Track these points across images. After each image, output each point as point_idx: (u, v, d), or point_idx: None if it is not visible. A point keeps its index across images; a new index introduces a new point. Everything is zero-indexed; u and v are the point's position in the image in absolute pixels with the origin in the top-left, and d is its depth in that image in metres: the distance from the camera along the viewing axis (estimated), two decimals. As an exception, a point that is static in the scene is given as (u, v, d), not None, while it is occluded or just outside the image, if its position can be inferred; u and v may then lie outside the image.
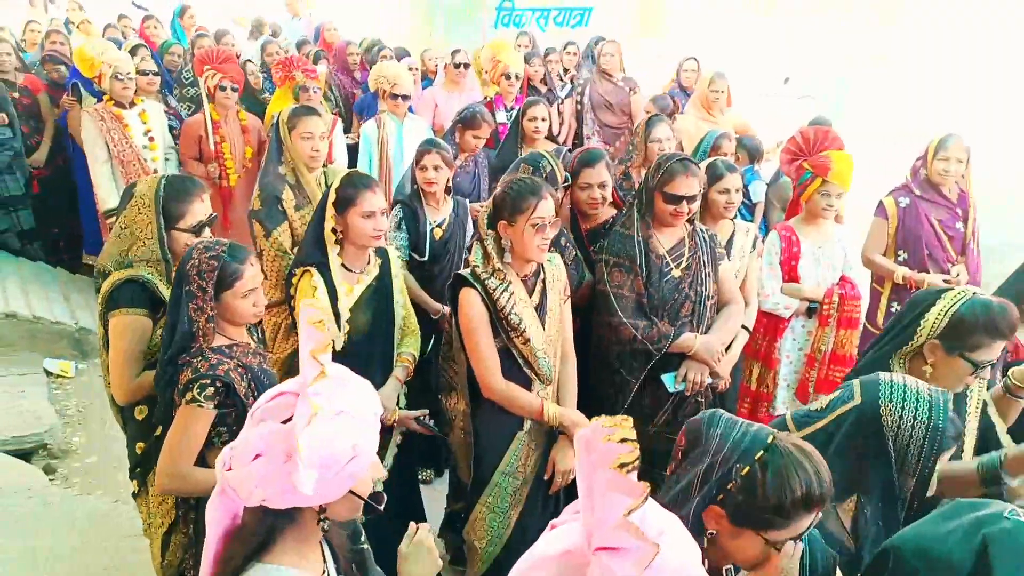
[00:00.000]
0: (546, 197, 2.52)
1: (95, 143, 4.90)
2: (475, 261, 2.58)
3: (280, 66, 5.46)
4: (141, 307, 2.44)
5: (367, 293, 2.77)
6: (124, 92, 4.95)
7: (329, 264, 2.69)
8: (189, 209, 2.53)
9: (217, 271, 2.15)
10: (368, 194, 2.68)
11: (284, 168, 3.47)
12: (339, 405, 1.33)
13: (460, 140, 4.47)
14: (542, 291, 2.66)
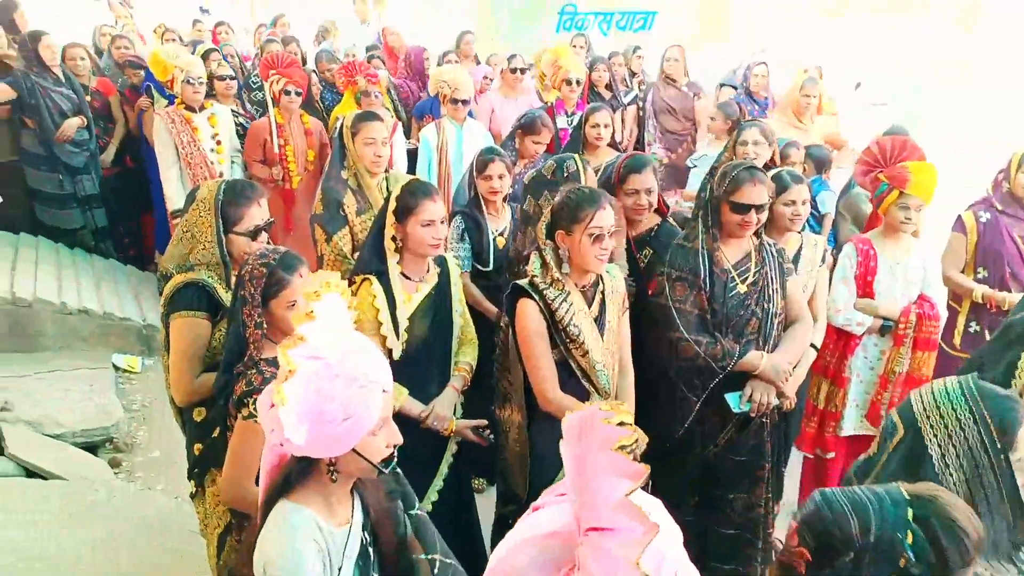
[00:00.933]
0: (605, 207, 2.48)
1: (165, 145, 5.04)
2: (533, 271, 2.54)
3: (342, 71, 5.53)
4: (201, 310, 2.48)
5: (426, 302, 2.77)
6: (194, 96, 5.07)
7: (388, 272, 2.69)
8: (246, 213, 2.56)
9: (265, 278, 2.17)
10: (428, 203, 2.67)
11: (346, 173, 3.50)
12: (341, 369, 1.42)
13: (520, 146, 4.45)
14: (601, 302, 2.62)
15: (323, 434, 1.42)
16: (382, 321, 2.65)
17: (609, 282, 2.66)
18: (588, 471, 0.95)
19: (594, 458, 0.95)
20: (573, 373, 2.55)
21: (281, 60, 5.28)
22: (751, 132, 4.10)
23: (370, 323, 2.66)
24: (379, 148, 3.44)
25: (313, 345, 1.40)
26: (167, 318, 2.52)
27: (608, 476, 0.93)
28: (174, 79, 5.06)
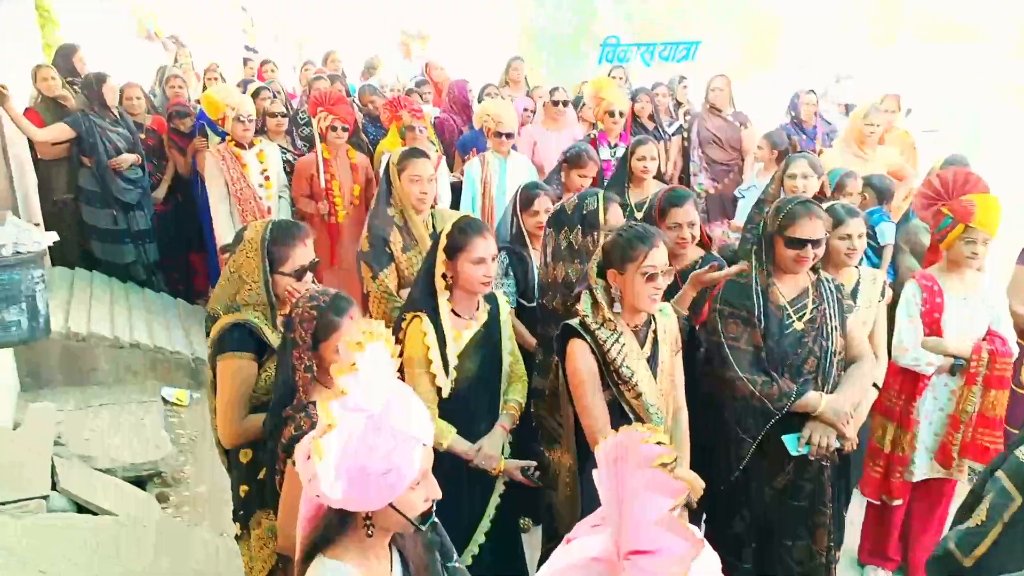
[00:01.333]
0: (658, 245, 2.45)
1: (215, 181, 5.17)
2: (584, 310, 2.50)
3: (387, 106, 5.60)
4: (247, 351, 2.48)
5: (475, 339, 2.76)
6: (244, 134, 5.19)
7: (439, 309, 2.68)
8: (292, 253, 2.57)
9: (316, 321, 2.16)
10: (479, 240, 2.67)
11: (392, 210, 3.51)
12: (382, 423, 1.39)
13: (566, 179, 4.43)
14: (653, 342, 2.57)
15: (361, 489, 1.40)
16: (432, 359, 2.64)
17: (662, 321, 2.61)
18: (627, 492, 0.97)
19: (633, 477, 0.97)
20: (625, 415, 2.49)
21: (329, 97, 5.35)
22: (800, 164, 4.02)
23: (419, 361, 2.65)
24: (425, 185, 3.45)
25: (354, 398, 1.38)
26: (214, 359, 2.53)
27: (648, 494, 0.95)
28: (225, 117, 5.20)
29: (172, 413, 5.06)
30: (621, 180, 4.54)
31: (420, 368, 2.66)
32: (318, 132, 5.24)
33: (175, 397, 5.16)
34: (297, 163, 5.45)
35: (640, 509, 0.94)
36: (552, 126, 6.11)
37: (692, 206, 3.28)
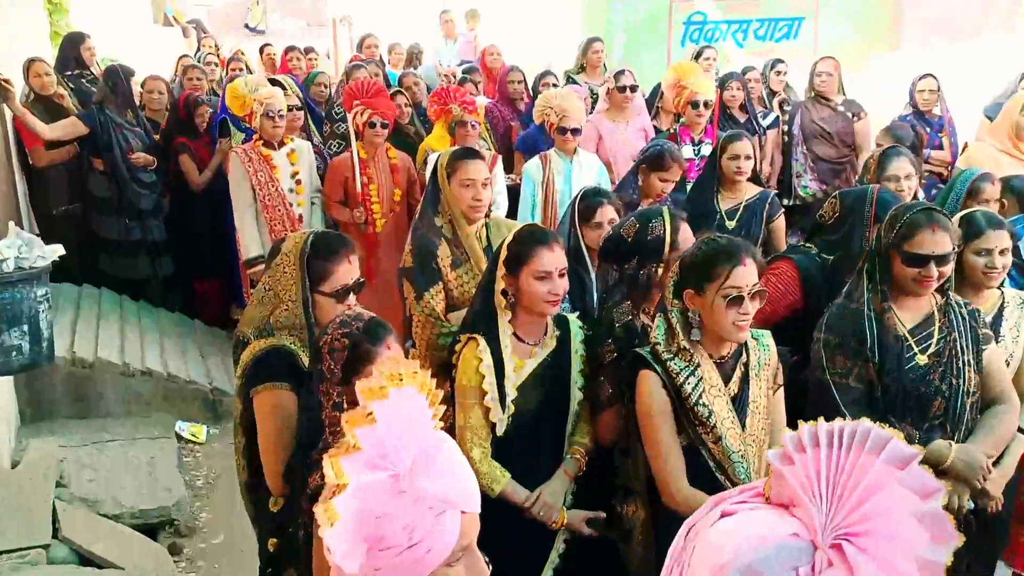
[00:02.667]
0: (745, 262, 2.45)
1: (240, 185, 5.34)
2: (656, 337, 2.53)
3: (435, 98, 5.70)
4: (288, 381, 2.54)
5: (540, 370, 2.79)
6: (275, 131, 5.37)
7: (498, 332, 2.74)
8: (335, 270, 2.63)
9: (347, 350, 2.20)
10: (544, 252, 2.71)
11: (440, 219, 3.57)
12: (409, 484, 1.33)
13: (644, 183, 4.47)
14: (742, 377, 2.56)
15: (382, 563, 1.32)
16: (487, 389, 2.70)
17: (755, 353, 2.60)
18: (853, 477, 1.09)
19: (876, 470, 1.08)
20: (704, 462, 2.49)
21: (366, 88, 5.48)
22: (901, 164, 3.94)
23: (473, 391, 2.72)
24: (479, 191, 3.50)
25: (370, 454, 1.33)
26: (246, 392, 2.59)
27: (897, 488, 1.07)
28: (253, 113, 5.36)
29: (187, 452, 5.23)
30: (710, 183, 4.56)
31: (473, 399, 2.72)
32: (354, 129, 5.37)
33: (190, 433, 5.33)
34: (330, 164, 5.60)
35: (886, 502, 1.07)
36: (618, 116, 6.15)
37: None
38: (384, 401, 1.38)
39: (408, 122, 6.66)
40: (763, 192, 4.55)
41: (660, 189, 4.42)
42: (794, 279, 3.40)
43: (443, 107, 5.63)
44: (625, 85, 6.08)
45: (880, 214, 3.25)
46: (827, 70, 6.38)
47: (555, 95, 5.45)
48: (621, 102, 6.11)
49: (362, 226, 5.33)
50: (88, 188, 6.14)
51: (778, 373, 2.65)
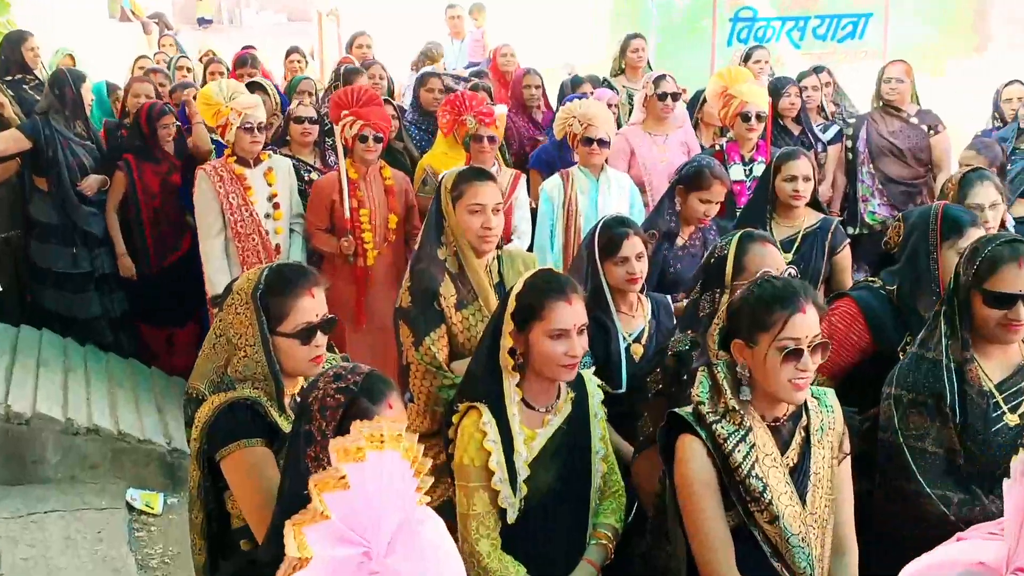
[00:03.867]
0: (804, 308, 2.46)
1: (208, 209, 5.40)
2: (699, 396, 2.53)
3: (448, 107, 5.73)
4: (260, 435, 2.58)
5: (555, 441, 2.80)
6: (252, 146, 5.42)
7: (504, 398, 2.75)
8: (293, 307, 2.65)
9: (342, 409, 2.22)
10: (560, 306, 2.71)
11: (444, 251, 3.61)
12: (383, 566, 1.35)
13: (683, 206, 4.52)
14: (802, 444, 2.57)
15: None
16: (494, 469, 2.70)
17: (817, 415, 2.61)
18: None
19: None
20: (757, 546, 2.48)
21: (357, 96, 5.51)
22: (984, 190, 3.96)
23: (477, 471, 2.71)
24: (489, 218, 3.54)
25: (339, 525, 1.34)
26: (208, 456, 2.61)
27: None
28: (228, 124, 5.39)
29: (140, 525, 5.21)
30: (761, 209, 4.60)
31: (477, 481, 2.71)
32: (341, 143, 5.42)
33: (144, 503, 5.33)
34: (314, 185, 5.65)
35: None
36: (656, 128, 6.22)
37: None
38: (361, 464, 1.39)
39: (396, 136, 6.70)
40: (824, 219, 4.58)
41: (702, 213, 4.46)
42: (857, 317, 3.42)
43: (457, 118, 5.63)
44: (666, 92, 6.14)
45: (948, 233, 3.30)
46: (898, 76, 6.43)
47: (578, 103, 5.53)
48: (660, 112, 6.17)
49: (351, 258, 5.37)
50: (29, 212, 6.19)
51: (844, 439, 2.65)
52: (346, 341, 5.21)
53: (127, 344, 6.62)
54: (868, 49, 9.33)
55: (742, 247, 3.14)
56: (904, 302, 3.36)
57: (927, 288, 3.29)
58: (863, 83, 7.40)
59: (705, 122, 6.67)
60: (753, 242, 3.16)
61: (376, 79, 7.29)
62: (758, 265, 3.05)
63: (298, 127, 5.97)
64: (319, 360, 2.69)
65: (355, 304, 5.35)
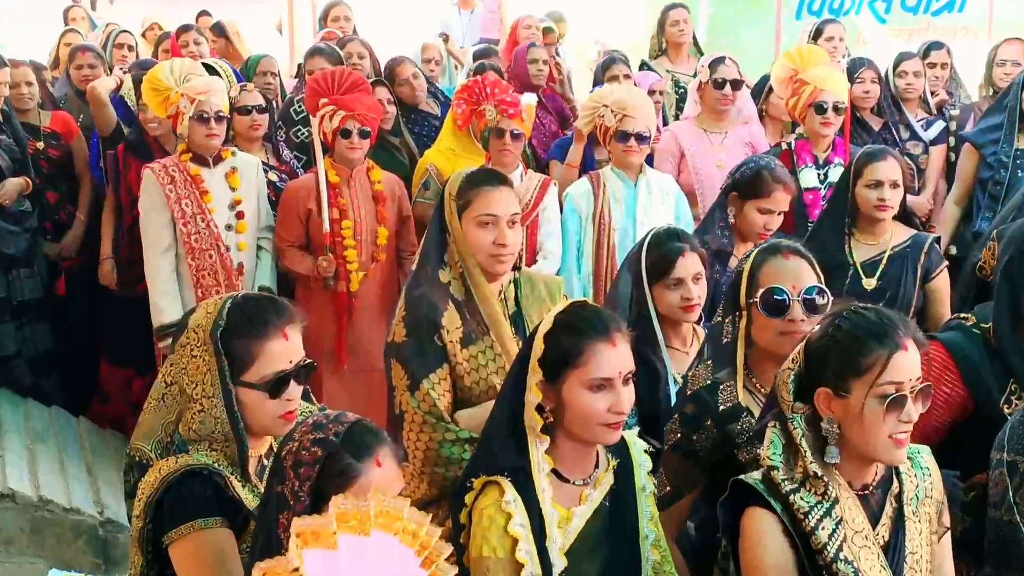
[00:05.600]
0: (906, 345, 2.46)
1: (154, 218, 5.40)
2: (771, 459, 2.51)
3: (464, 95, 5.76)
4: (214, 514, 2.55)
5: (596, 523, 2.76)
6: (209, 141, 5.43)
7: (532, 470, 2.69)
8: (262, 350, 2.63)
9: (319, 465, 2.22)
10: (604, 349, 2.66)
11: (447, 273, 3.59)
12: None
13: (737, 218, 4.53)
14: (895, 517, 2.56)
15: None
16: (523, 561, 2.62)
17: (911, 481, 2.60)
18: None
19: None
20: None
21: (338, 81, 5.54)
22: None
23: (501, 565, 2.63)
24: (504, 232, 3.50)
25: None
26: (155, 539, 2.58)
27: None
28: (179, 114, 5.39)
29: (66, 615, 5.19)
30: (839, 223, 4.62)
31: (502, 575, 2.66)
32: (319, 139, 5.43)
33: (70, 586, 5.31)
34: (285, 191, 5.66)
35: None
36: (712, 123, 6.23)
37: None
38: (328, 554, 1.38)
39: (392, 129, 6.72)
40: (917, 236, 4.57)
41: (761, 226, 4.47)
42: (948, 366, 3.41)
43: (474, 107, 5.66)
44: (724, 79, 6.14)
45: None
46: (1012, 57, 6.48)
47: (611, 89, 5.54)
48: (718, 104, 6.18)
49: (330, 282, 5.39)
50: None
51: (943, 510, 2.64)
52: (324, 386, 5.21)
53: (51, 389, 6.59)
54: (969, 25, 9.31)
55: (758, 261, 3.13)
56: (1004, 342, 3.34)
57: None
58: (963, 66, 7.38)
59: (770, 115, 6.68)
60: (772, 255, 3.15)
61: (355, 59, 7.27)
62: (770, 282, 3.06)
63: (244, 118, 5.96)
64: (292, 416, 2.67)
65: (336, 340, 5.37)
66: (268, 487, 2.31)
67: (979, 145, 5.91)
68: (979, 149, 5.90)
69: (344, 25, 8.71)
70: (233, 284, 5.21)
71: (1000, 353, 3.35)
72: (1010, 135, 5.75)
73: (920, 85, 6.79)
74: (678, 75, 7.19)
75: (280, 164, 6.23)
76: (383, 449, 2.30)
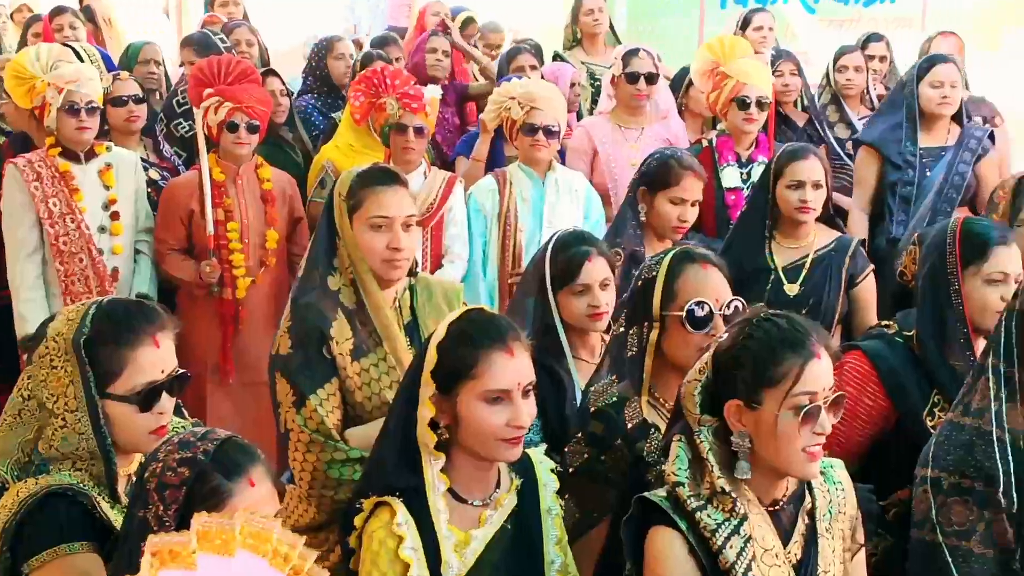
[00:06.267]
0: (819, 353, 2.49)
1: (18, 219, 5.34)
2: (676, 475, 2.53)
3: (362, 86, 5.75)
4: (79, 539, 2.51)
5: (497, 546, 2.76)
6: (81, 134, 5.37)
7: (425, 490, 2.70)
8: (130, 359, 2.61)
9: (186, 487, 2.20)
10: (500, 359, 2.67)
11: (337, 279, 3.58)
12: None
13: (650, 214, 4.60)
14: (807, 534, 2.60)
15: None
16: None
17: (824, 495, 2.64)
18: None
19: None
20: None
21: (224, 69, 5.52)
22: None
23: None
24: (398, 235, 3.50)
25: None
26: (9, 566, 2.54)
27: None
28: (45, 105, 5.33)
29: None
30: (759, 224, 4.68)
31: None
32: (203, 133, 5.41)
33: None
34: (165, 190, 5.61)
35: None
36: (628, 118, 6.28)
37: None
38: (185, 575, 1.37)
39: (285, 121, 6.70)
40: (841, 239, 4.65)
41: (675, 219, 4.54)
42: (870, 376, 3.48)
43: (374, 100, 5.67)
44: (638, 72, 6.18)
45: (970, 256, 3.37)
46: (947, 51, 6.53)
47: (519, 82, 5.55)
48: (632, 98, 6.22)
49: (215, 288, 5.36)
50: None
51: (858, 526, 2.69)
52: (208, 401, 5.17)
53: None
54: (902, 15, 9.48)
55: (675, 269, 3.15)
56: (927, 351, 3.43)
57: (955, 331, 3.37)
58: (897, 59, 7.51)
59: (690, 110, 6.76)
60: (690, 263, 3.18)
61: (243, 47, 7.24)
62: (692, 294, 3.09)
63: (120, 110, 5.90)
64: (163, 431, 2.64)
65: (221, 351, 5.34)
66: (130, 512, 2.29)
67: (880, 146, 5.96)
68: (880, 150, 5.95)
69: (233, 10, 8.64)
70: (106, 291, 5.13)
71: (923, 362, 3.43)
72: (912, 133, 5.83)
73: (862, 80, 6.94)
74: (594, 67, 7.22)
75: (161, 160, 6.17)
76: (257, 468, 2.28)
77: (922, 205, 5.61)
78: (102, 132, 5.78)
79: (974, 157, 5.81)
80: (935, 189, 5.69)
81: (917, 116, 5.82)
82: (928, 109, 5.78)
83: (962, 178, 5.76)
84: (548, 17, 10.25)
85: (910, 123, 5.83)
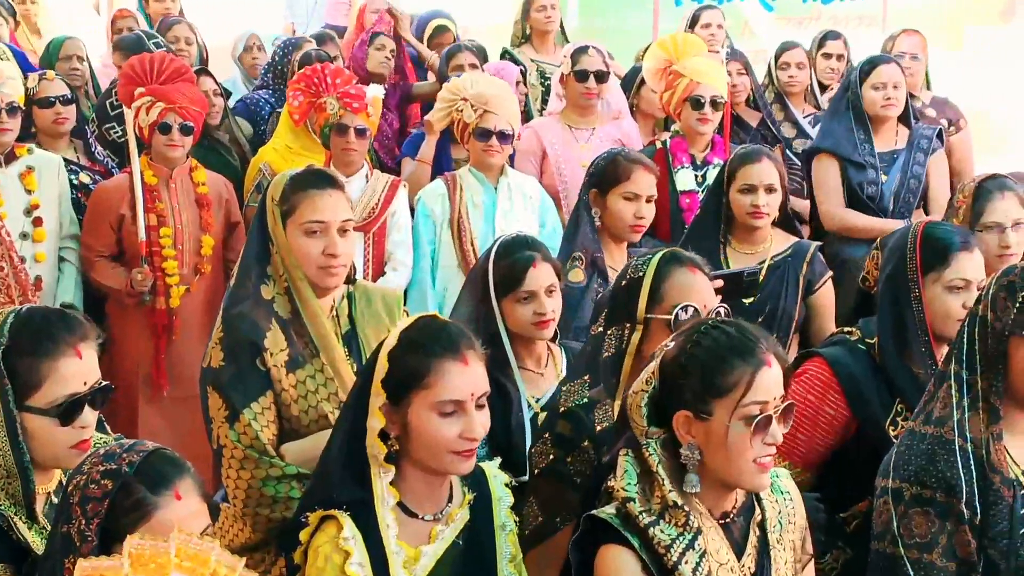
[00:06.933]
0: (769, 361, 2.50)
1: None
2: (625, 490, 2.53)
3: (301, 84, 5.71)
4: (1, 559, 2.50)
5: (448, 562, 2.76)
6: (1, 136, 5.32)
7: (373, 503, 2.69)
8: (50, 371, 2.59)
9: (109, 500, 2.19)
10: (454, 368, 2.67)
11: (270, 288, 3.56)
12: None
13: (604, 216, 4.60)
14: (759, 546, 2.61)
15: None
16: None
17: (772, 506, 2.65)
18: None
19: None
20: None
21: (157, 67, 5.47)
22: (1006, 204, 4.12)
23: None
24: (334, 241, 3.48)
25: None
26: None
27: None
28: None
29: None
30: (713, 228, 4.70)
31: None
32: (134, 134, 5.37)
33: None
34: (94, 193, 5.58)
35: None
36: (578, 119, 6.29)
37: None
38: None
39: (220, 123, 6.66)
40: (799, 244, 4.66)
41: (632, 216, 4.54)
42: (832, 384, 3.49)
43: (313, 100, 5.64)
44: (587, 71, 6.18)
45: (930, 261, 3.39)
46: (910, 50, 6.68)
47: (470, 81, 5.53)
48: (582, 97, 6.23)
49: (147, 297, 5.33)
50: None
51: (806, 537, 2.70)
52: (140, 415, 5.14)
53: None
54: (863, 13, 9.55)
55: (663, 271, 3.16)
56: (888, 359, 3.44)
57: (915, 338, 3.38)
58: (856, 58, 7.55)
59: (642, 110, 6.77)
60: (679, 266, 3.20)
61: (182, 44, 7.20)
62: (680, 298, 3.10)
63: (47, 112, 5.83)
64: (85, 446, 2.61)
65: (153, 363, 5.32)
66: (53, 529, 2.28)
67: (835, 149, 5.90)
68: (838, 154, 5.89)
69: (170, 6, 8.61)
70: (29, 301, 5.01)
71: (885, 370, 3.45)
72: (866, 136, 5.83)
73: (805, 77, 6.97)
74: (544, 65, 7.22)
75: (93, 163, 6.10)
76: (184, 481, 2.27)
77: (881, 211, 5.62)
78: (29, 135, 5.75)
79: (927, 158, 5.83)
80: (891, 194, 5.69)
81: (867, 119, 5.83)
82: (872, 111, 5.80)
83: (918, 180, 5.79)
84: (497, 16, 10.26)
85: (860, 126, 5.83)
